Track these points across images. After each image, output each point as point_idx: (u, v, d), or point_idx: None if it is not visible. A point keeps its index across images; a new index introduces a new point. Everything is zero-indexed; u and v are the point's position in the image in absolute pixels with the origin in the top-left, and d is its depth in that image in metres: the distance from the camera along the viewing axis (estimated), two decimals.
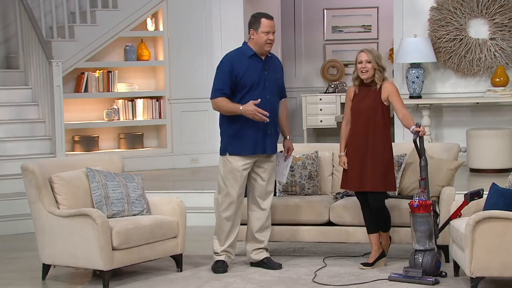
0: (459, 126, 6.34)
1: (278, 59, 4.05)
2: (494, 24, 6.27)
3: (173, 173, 6.47)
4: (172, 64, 6.74)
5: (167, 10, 6.72)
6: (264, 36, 3.82)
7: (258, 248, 3.99)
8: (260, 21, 3.84)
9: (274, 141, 3.96)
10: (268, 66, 3.90)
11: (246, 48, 3.89)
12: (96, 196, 3.93)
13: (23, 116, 5.99)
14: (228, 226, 3.94)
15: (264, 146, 3.89)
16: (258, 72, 3.86)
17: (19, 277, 4.02)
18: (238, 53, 3.90)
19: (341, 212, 4.15)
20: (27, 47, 6.18)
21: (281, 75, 4.01)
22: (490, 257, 3.44)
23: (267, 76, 3.88)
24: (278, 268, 3.96)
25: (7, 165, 5.58)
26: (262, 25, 3.83)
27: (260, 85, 3.85)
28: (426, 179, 3.78)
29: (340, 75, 8.04)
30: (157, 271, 4.04)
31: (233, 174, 3.88)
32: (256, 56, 3.88)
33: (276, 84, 3.94)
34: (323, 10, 8.15)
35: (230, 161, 3.89)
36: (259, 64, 3.88)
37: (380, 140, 3.88)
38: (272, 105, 3.89)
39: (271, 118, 3.86)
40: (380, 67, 3.87)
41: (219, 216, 3.97)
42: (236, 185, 3.89)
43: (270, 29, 3.83)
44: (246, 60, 3.85)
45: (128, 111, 6.73)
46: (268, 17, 3.86)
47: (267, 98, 3.86)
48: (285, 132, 4.04)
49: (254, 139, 3.86)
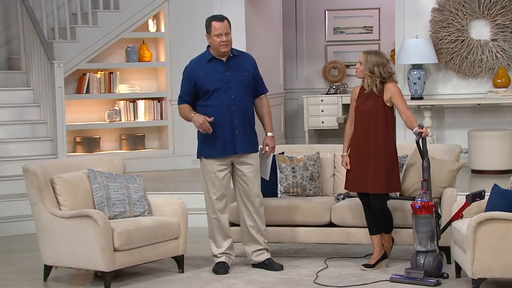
0: (460, 127, 6.33)
1: (248, 57, 3.98)
2: (495, 25, 6.26)
3: (174, 174, 6.48)
4: (174, 65, 6.74)
5: (168, 11, 6.72)
6: (217, 38, 3.83)
7: (258, 249, 3.98)
8: (211, 24, 3.85)
9: (246, 140, 3.89)
10: (230, 66, 3.88)
11: (206, 53, 3.93)
12: (98, 197, 3.93)
13: (25, 117, 6.00)
14: (219, 228, 3.95)
15: (234, 147, 3.86)
16: (219, 74, 3.86)
17: (21, 278, 4.03)
18: (199, 59, 3.94)
19: (342, 213, 4.15)
20: (29, 49, 6.19)
21: (252, 72, 3.92)
22: (492, 259, 3.43)
23: (229, 76, 3.86)
24: (279, 269, 3.95)
25: (8, 166, 5.59)
26: (213, 28, 3.84)
27: (223, 86, 3.84)
28: (429, 180, 3.77)
29: (341, 76, 8.04)
30: (158, 272, 4.04)
31: (210, 177, 3.91)
32: (216, 59, 3.89)
33: (243, 83, 3.88)
34: (325, 11, 8.15)
35: (206, 164, 3.92)
36: (220, 66, 3.87)
37: (382, 141, 3.87)
38: (238, 104, 3.85)
39: (238, 118, 3.85)
40: (371, 73, 3.85)
41: (209, 219, 3.98)
42: (214, 186, 3.90)
43: (221, 31, 3.82)
44: (206, 65, 3.88)
45: (129, 112, 6.74)
46: (219, 19, 3.86)
47: (231, 98, 3.84)
48: (266, 129, 3.99)
49: (223, 141, 3.85)
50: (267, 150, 3.97)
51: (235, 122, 3.85)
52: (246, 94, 3.91)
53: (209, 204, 3.97)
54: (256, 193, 3.95)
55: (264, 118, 3.99)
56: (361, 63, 3.88)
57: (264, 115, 3.99)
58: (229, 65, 3.90)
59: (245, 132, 3.90)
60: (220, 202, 3.94)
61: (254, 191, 3.93)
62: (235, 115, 3.85)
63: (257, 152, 3.97)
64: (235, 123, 3.85)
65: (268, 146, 3.97)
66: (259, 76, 4.01)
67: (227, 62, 3.90)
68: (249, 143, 3.92)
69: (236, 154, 3.89)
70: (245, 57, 3.98)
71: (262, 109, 4.00)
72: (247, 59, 3.97)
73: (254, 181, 3.94)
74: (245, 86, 3.91)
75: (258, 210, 3.96)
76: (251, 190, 3.93)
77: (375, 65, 3.85)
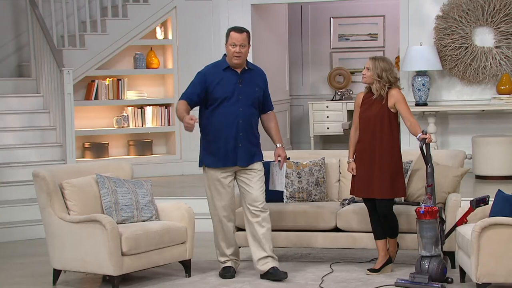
0: (464, 133, 6.36)
1: (261, 72, 3.98)
2: (499, 32, 6.29)
3: (181, 179, 6.52)
4: (181, 72, 6.80)
5: (176, 19, 6.79)
6: (231, 48, 3.82)
7: (263, 257, 3.93)
8: (230, 34, 3.85)
9: (247, 153, 3.87)
10: (243, 79, 3.88)
11: (222, 61, 3.92)
12: (106, 202, 3.97)
13: (35, 123, 6.05)
14: (224, 236, 3.96)
15: (235, 159, 3.85)
16: (231, 85, 3.85)
17: (30, 282, 4.06)
18: (214, 66, 3.93)
19: (348, 218, 4.18)
20: (38, 56, 6.26)
21: (262, 88, 3.93)
22: (496, 264, 3.45)
23: (241, 89, 3.86)
24: (283, 278, 3.88)
25: (18, 171, 5.65)
26: (230, 38, 3.84)
27: (232, 97, 3.83)
28: (433, 185, 3.80)
29: (346, 82, 8.08)
30: (165, 276, 4.07)
31: (214, 185, 3.91)
32: (231, 69, 3.88)
33: (253, 97, 3.88)
34: (330, 18, 8.20)
35: (209, 172, 3.92)
36: (234, 77, 3.87)
37: (387, 147, 3.91)
38: (245, 117, 3.85)
39: (242, 130, 3.85)
40: (380, 78, 3.90)
41: (214, 227, 3.99)
42: (219, 194, 3.90)
43: (236, 41, 3.81)
44: (220, 73, 3.87)
45: (137, 118, 6.80)
46: (237, 30, 3.85)
47: (239, 110, 3.84)
48: (275, 141, 3.98)
49: (225, 152, 3.84)
50: (280, 161, 3.95)
51: (240, 135, 3.84)
52: (254, 108, 3.91)
53: (213, 212, 3.97)
54: (261, 199, 3.92)
55: (272, 131, 3.99)
56: (369, 69, 3.92)
57: (272, 128, 3.99)
58: (242, 77, 3.89)
59: (249, 145, 3.89)
60: (225, 210, 3.93)
61: (258, 196, 3.91)
62: (241, 128, 3.84)
63: (260, 162, 3.96)
64: (240, 135, 3.84)
65: (280, 156, 3.96)
66: (268, 93, 4.02)
67: (241, 75, 3.90)
68: (252, 155, 3.91)
69: (237, 166, 3.89)
70: (258, 72, 3.97)
71: (269, 123, 4.00)
72: (259, 75, 3.97)
73: (258, 187, 3.92)
74: (254, 101, 3.90)
75: (263, 215, 3.93)
76: (255, 195, 3.91)
77: (383, 70, 3.90)
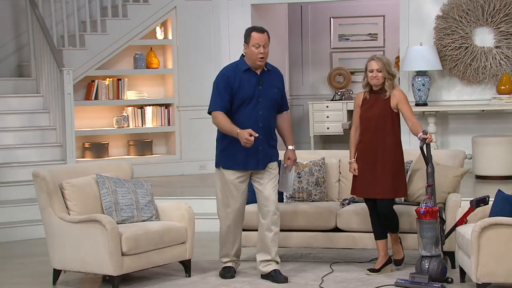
0: (464, 133, 6.36)
1: (278, 72, 3.92)
2: (499, 32, 6.30)
3: (181, 179, 6.52)
4: (181, 72, 6.80)
5: (176, 19, 6.79)
6: (255, 49, 3.74)
7: (266, 259, 3.92)
8: (251, 35, 3.76)
9: (267, 155, 3.85)
10: (263, 81, 3.81)
11: (241, 62, 3.83)
12: (106, 202, 3.97)
13: (35, 123, 6.06)
14: (230, 236, 3.95)
15: (256, 162, 3.82)
16: (252, 87, 3.79)
17: (30, 282, 4.07)
18: (233, 68, 3.83)
19: (348, 218, 4.18)
20: (38, 56, 6.26)
21: (281, 89, 3.89)
22: (496, 263, 3.46)
23: (261, 91, 3.80)
24: (283, 282, 3.85)
25: (18, 171, 5.65)
26: (252, 38, 3.75)
27: (253, 100, 3.78)
28: (433, 185, 3.80)
29: (346, 82, 8.08)
30: (165, 276, 4.08)
31: (229, 187, 3.87)
32: (251, 70, 3.81)
33: (272, 99, 3.83)
34: (330, 18, 8.21)
35: (224, 174, 3.88)
36: (254, 79, 3.80)
37: (389, 147, 3.90)
38: (265, 120, 3.81)
39: (262, 133, 3.80)
40: (390, 75, 3.90)
41: (221, 226, 3.98)
42: (232, 197, 3.87)
43: (260, 42, 3.73)
44: (241, 75, 3.79)
45: (137, 118, 6.80)
46: (259, 31, 3.78)
47: (259, 113, 3.80)
48: (287, 142, 3.94)
49: (245, 155, 3.79)
50: (289, 163, 3.92)
51: (260, 138, 3.77)
52: (273, 110, 3.86)
53: (223, 215, 3.93)
54: (272, 198, 3.87)
55: (285, 132, 3.95)
56: (380, 69, 3.88)
57: (285, 129, 3.94)
58: (262, 79, 3.82)
59: (267, 148, 3.86)
60: (235, 213, 3.90)
61: (271, 195, 3.86)
62: (261, 131, 3.77)
63: (276, 161, 3.93)
64: (260, 138, 3.77)
65: (290, 159, 3.92)
66: (284, 93, 3.97)
67: (261, 76, 3.82)
68: (270, 156, 3.89)
69: (257, 169, 3.86)
70: (276, 72, 3.90)
71: (283, 124, 3.94)
72: (277, 75, 3.90)
73: (270, 186, 3.86)
74: (273, 103, 3.84)
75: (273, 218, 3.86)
76: (267, 194, 3.85)
77: (390, 65, 3.91)
